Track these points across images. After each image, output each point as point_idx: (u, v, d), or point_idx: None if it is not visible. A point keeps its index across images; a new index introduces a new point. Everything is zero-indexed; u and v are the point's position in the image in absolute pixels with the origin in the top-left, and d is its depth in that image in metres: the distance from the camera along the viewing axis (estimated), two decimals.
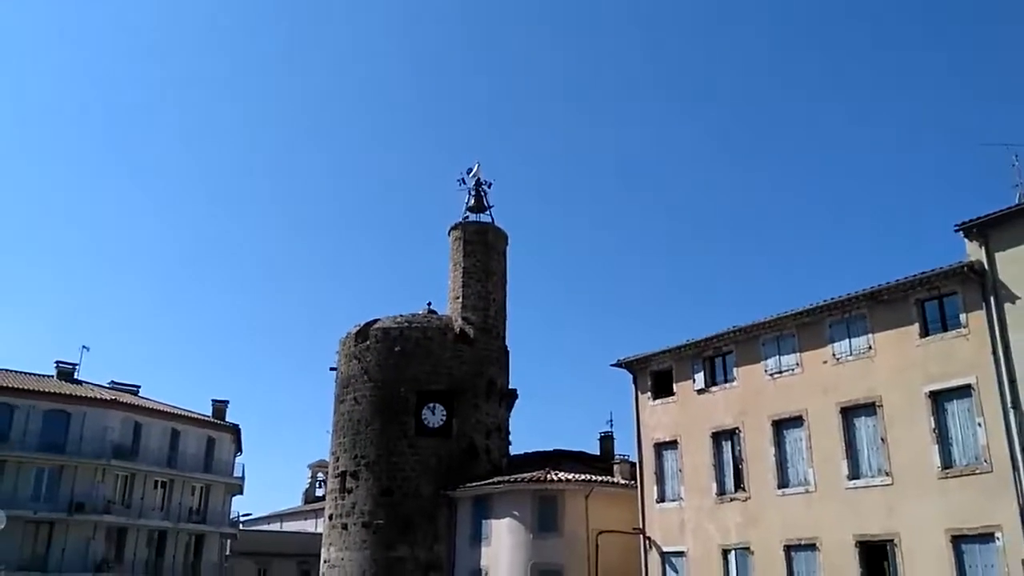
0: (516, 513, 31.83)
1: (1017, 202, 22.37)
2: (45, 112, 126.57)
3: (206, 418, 53.61)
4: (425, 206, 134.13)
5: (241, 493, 55.46)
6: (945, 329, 22.37)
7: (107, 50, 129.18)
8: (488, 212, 41.05)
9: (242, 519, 61.57)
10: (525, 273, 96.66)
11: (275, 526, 76.96)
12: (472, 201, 41.03)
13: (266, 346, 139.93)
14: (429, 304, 39.52)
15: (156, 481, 48.52)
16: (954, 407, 21.80)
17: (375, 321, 38.03)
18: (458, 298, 38.57)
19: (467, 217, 40.73)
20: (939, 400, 22.03)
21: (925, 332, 22.68)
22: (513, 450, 38.31)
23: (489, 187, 41.54)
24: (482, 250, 39.37)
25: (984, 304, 21.57)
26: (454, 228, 40.31)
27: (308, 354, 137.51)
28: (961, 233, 22.37)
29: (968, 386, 21.47)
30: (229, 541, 54.74)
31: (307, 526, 66.74)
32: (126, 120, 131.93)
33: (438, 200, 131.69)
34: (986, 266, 21.68)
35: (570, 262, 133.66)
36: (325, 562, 35.62)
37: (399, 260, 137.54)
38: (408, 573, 33.26)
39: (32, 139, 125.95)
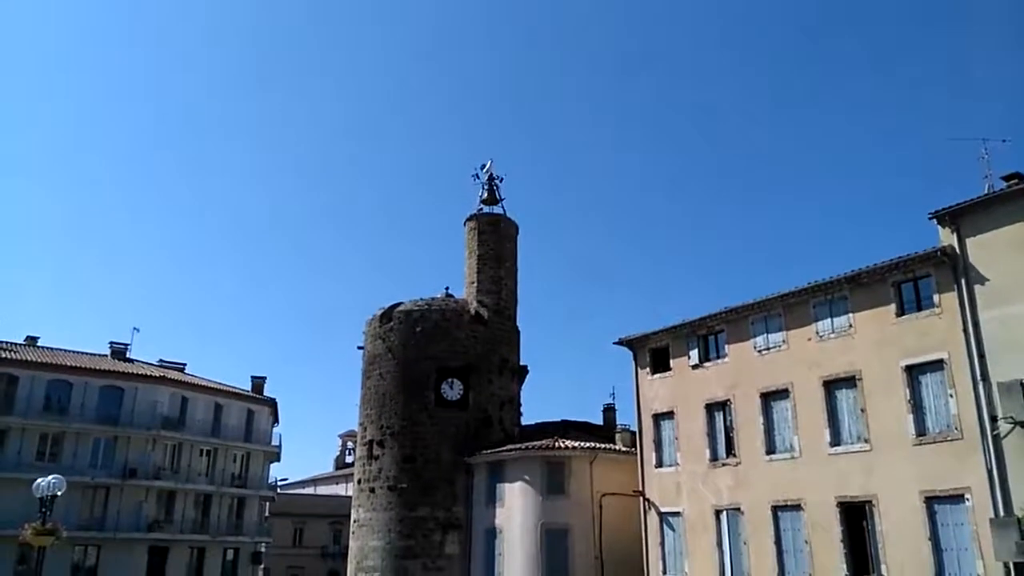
0: (527, 477, 31.94)
1: (986, 192, 22.23)
2: (94, 107, 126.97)
3: (246, 392, 53.88)
4: (443, 200, 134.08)
5: (278, 460, 55.79)
6: (920, 309, 22.27)
7: (153, 43, 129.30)
8: (500, 204, 41.05)
9: (279, 483, 61.97)
10: (534, 259, 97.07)
11: (309, 490, 77.58)
12: (485, 194, 41.02)
13: (300, 327, 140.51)
14: (447, 289, 39.63)
15: (201, 450, 48.88)
16: (928, 379, 21.72)
17: (398, 304, 38.10)
18: (473, 283, 38.59)
19: (481, 209, 40.70)
20: (914, 373, 21.95)
21: (901, 311, 22.59)
22: (524, 420, 38.41)
23: (501, 181, 41.59)
24: (495, 239, 39.34)
25: (956, 285, 21.43)
26: (469, 219, 40.27)
27: (338, 334, 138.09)
28: (935, 221, 22.23)
29: (941, 360, 21.38)
30: (268, 503, 55.14)
31: (338, 490, 67.23)
32: (171, 112, 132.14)
33: (455, 195, 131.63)
34: (958, 251, 21.54)
35: (576, 249, 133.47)
36: (354, 522, 35.86)
37: (420, 249, 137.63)
38: (429, 531, 33.48)
39: (82, 133, 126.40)
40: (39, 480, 20.45)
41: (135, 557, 43.73)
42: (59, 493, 20.12)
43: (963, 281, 21.31)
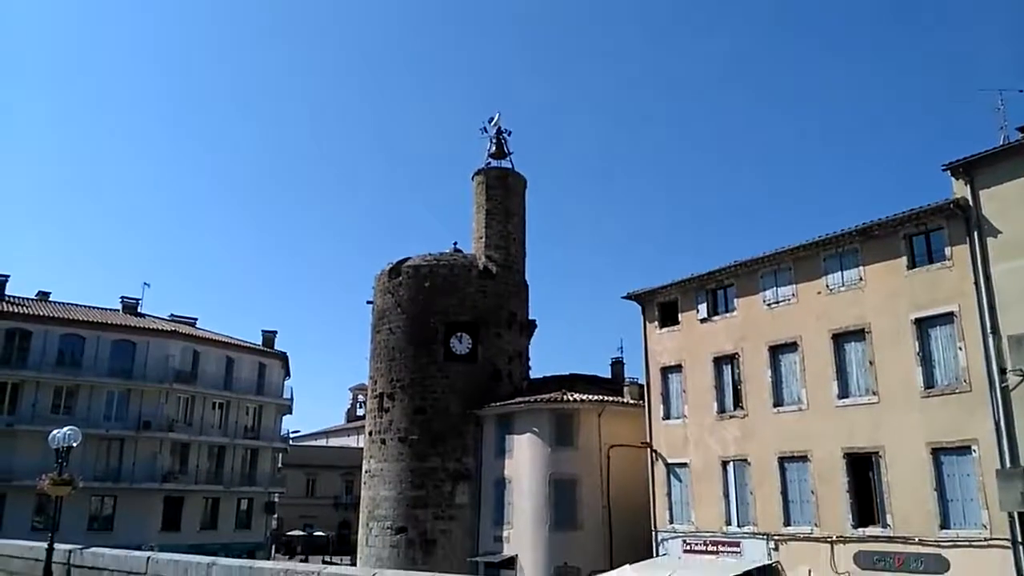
0: (536, 429, 32.14)
1: (1001, 143, 21.82)
2: (102, 59, 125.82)
3: (257, 346, 54.12)
4: (452, 155, 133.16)
5: (290, 413, 56.28)
6: (931, 261, 22.07)
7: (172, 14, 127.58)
8: (508, 158, 40.60)
9: (291, 435, 62.70)
10: (543, 214, 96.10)
11: (321, 442, 78.53)
12: (493, 148, 40.54)
13: (310, 283, 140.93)
14: (455, 243, 39.48)
15: (214, 402, 49.26)
16: (937, 332, 21.61)
17: (406, 259, 38.00)
18: (481, 238, 38.40)
19: (489, 163, 40.29)
20: (924, 326, 21.83)
21: (913, 264, 22.38)
22: (532, 374, 38.57)
23: (509, 135, 41.05)
24: (503, 193, 39.03)
25: (968, 238, 21.20)
26: (477, 174, 39.91)
27: (347, 289, 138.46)
28: (948, 172, 21.89)
29: (951, 313, 21.25)
30: (280, 455, 55.78)
31: (349, 442, 67.99)
32: (181, 68, 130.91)
33: (464, 149, 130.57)
34: (971, 203, 21.26)
35: (584, 203, 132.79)
36: (366, 472, 36.27)
37: (429, 203, 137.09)
38: (440, 482, 33.86)
39: (90, 88, 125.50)
40: (54, 432, 20.63)
41: (151, 507, 44.43)
42: (74, 444, 20.28)
43: (975, 233, 21.05)
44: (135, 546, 22.47)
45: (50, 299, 48.79)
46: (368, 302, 39.36)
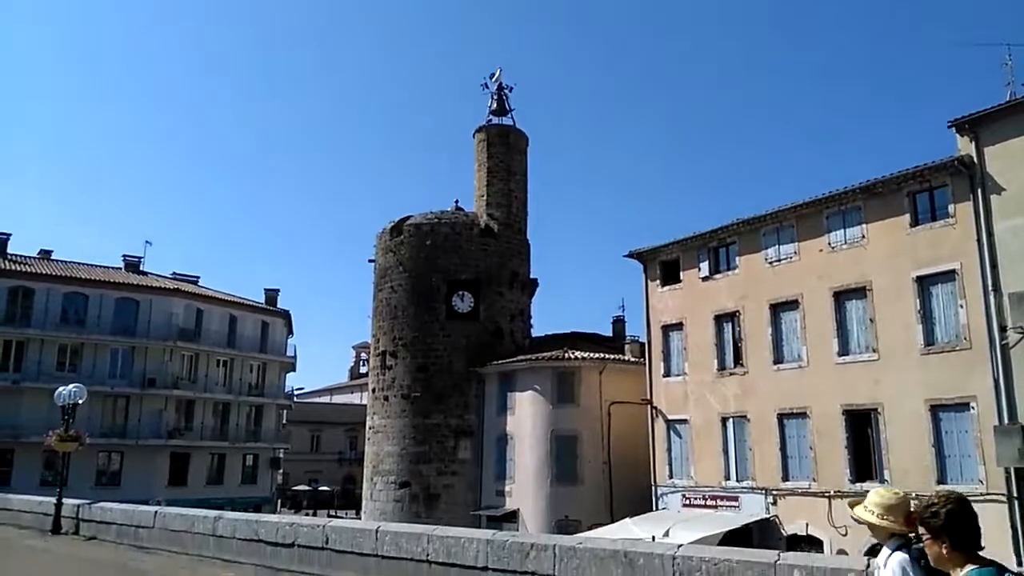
0: (537, 387, 32.35)
1: (1008, 99, 21.55)
2: (107, 18, 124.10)
3: (260, 305, 54.22)
4: (453, 112, 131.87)
5: (294, 370, 56.62)
6: (934, 219, 21.96)
7: None
8: (509, 115, 40.22)
9: (295, 392, 63.15)
10: (545, 172, 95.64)
11: (325, 399, 79.08)
12: (495, 105, 40.11)
13: (312, 240, 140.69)
14: (456, 202, 39.26)
15: (218, 360, 49.52)
16: (939, 290, 21.59)
17: (408, 217, 37.86)
18: (483, 196, 38.21)
19: (490, 120, 39.91)
20: (925, 284, 21.81)
21: (915, 222, 22.27)
22: (534, 332, 38.68)
23: (510, 91, 40.63)
24: (504, 151, 38.73)
25: (971, 196, 21.07)
26: (478, 131, 39.56)
27: (349, 248, 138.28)
28: (954, 129, 21.68)
29: (953, 271, 21.21)
30: (285, 411, 56.24)
31: (353, 399, 68.49)
32: (180, 21, 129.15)
33: (465, 107, 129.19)
34: (975, 160, 21.09)
35: (587, 160, 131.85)
36: (370, 428, 36.61)
37: (431, 162, 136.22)
38: (443, 438, 34.20)
39: (90, 43, 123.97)
40: (60, 389, 20.75)
41: (157, 462, 44.94)
42: (80, 401, 20.43)
43: (979, 191, 20.92)
44: (142, 501, 22.80)
45: (52, 257, 48.76)
46: (370, 260, 39.34)
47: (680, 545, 8.10)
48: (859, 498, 3.72)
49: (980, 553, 2.90)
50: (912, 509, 3.38)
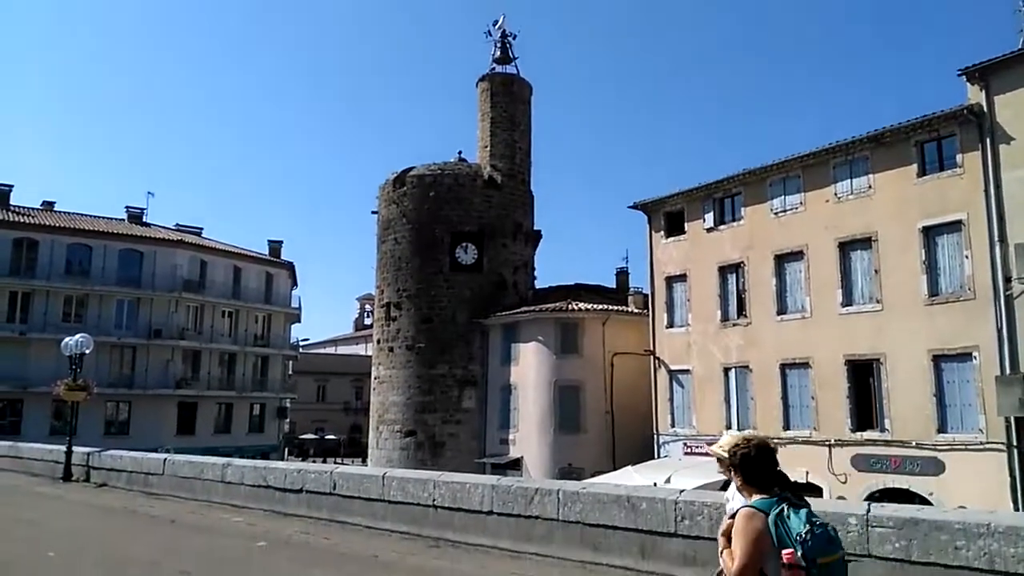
0: (541, 338, 32.50)
1: (1020, 47, 21.17)
2: None
3: (263, 256, 54.26)
4: (456, 61, 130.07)
5: (299, 321, 56.90)
6: (942, 169, 21.78)
7: None
8: (513, 63, 39.65)
9: (301, 344, 63.54)
10: (549, 122, 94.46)
11: (330, 350, 79.60)
12: (498, 53, 39.54)
13: (316, 191, 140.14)
14: (460, 153, 38.97)
15: (223, 311, 49.73)
16: (944, 241, 21.51)
17: (411, 169, 37.60)
18: (486, 147, 37.88)
19: (493, 69, 39.35)
20: (931, 235, 21.72)
21: (923, 172, 22.09)
22: (538, 284, 38.73)
23: (514, 39, 39.99)
24: (507, 101, 38.27)
25: (980, 145, 20.85)
26: (482, 80, 39.04)
27: (352, 199, 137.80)
28: (964, 78, 21.35)
29: (959, 222, 21.09)
30: (291, 362, 56.68)
31: (358, 350, 68.97)
32: None
33: (468, 55, 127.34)
34: (985, 109, 20.81)
35: (591, 110, 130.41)
36: (375, 379, 36.92)
37: (434, 112, 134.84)
38: (447, 388, 34.50)
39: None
40: (67, 339, 20.89)
41: (165, 412, 45.49)
42: (87, 351, 20.58)
43: (988, 141, 20.70)
44: (151, 449, 23.10)
45: (55, 208, 48.70)
46: (373, 212, 39.21)
47: (682, 491, 8.21)
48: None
49: (775, 488, 3.40)
50: None
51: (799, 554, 3.11)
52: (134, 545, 10.05)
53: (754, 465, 3.46)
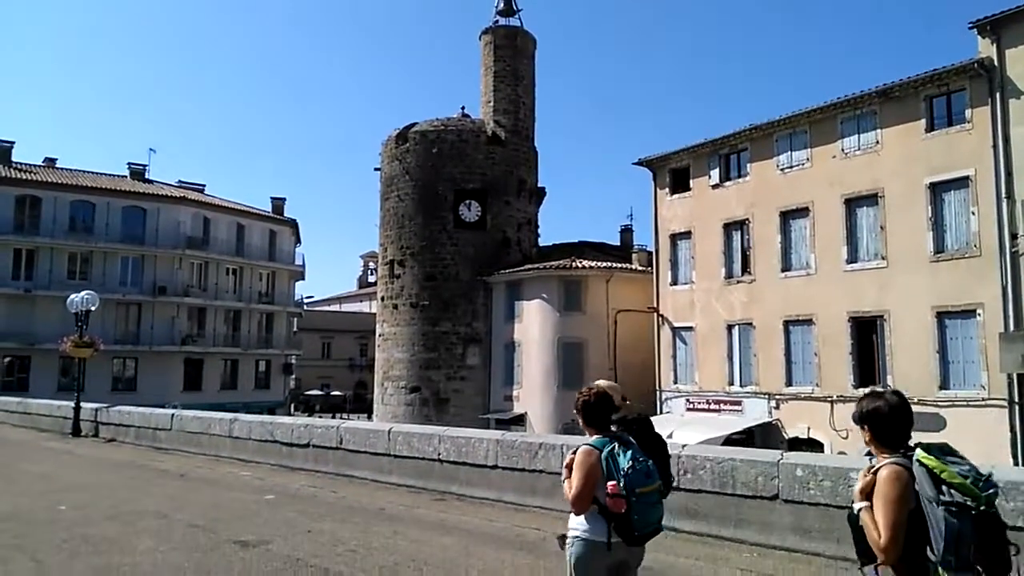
0: (545, 295, 32.55)
1: None
2: None
3: (267, 213, 54.18)
4: (460, 14, 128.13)
5: (303, 279, 57.05)
6: (950, 124, 21.54)
7: None
8: (517, 16, 39.01)
9: (305, 301, 63.71)
10: (553, 77, 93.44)
11: (334, 307, 79.86)
12: (502, 5, 38.86)
13: (317, 148, 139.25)
14: (463, 108, 38.50)
15: (227, 268, 49.83)
16: (951, 197, 21.36)
17: (413, 125, 37.26)
18: (489, 102, 37.48)
19: (497, 22, 38.73)
20: (938, 191, 21.57)
21: (931, 127, 21.86)
22: (541, 241, 38.64)
23: None
24: (511, 55, 37.75)
25: (989, 100, 20.58)
26: (485, 33, 38.46)
27: (355, 156, 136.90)
28: (975, 31, 20.99)
29: (967, 178, 20.92)
30: (295, 319, 56.91)
31: (362, 307, 69.18)
32: None
33: (471, 7, 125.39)
34: (996, 63, 20.49)
35: (595, 66, 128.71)
36: (380, 336, 37.08)
37: (437, 66, 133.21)
38: (451, 345, 34.66)
39: None
40: (72, 296, 21.00)
41: (171, 368, 45.87)
42: (93, 308, 20.71)
43: (998, 95, 20.42)
44: (158, 405, 23.34)
45: (57, 165, 48.51)
46: (376, 169, 38.96)
47: (684, 445, 8.29)
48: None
49: (611, 429, 3.97)
50: (621, 397, 4.54)
51: (621, 485, 3.67)
52: (144, 498, 10.21)
53: (592, 410, 3.99)
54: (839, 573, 6.08)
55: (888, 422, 3.17)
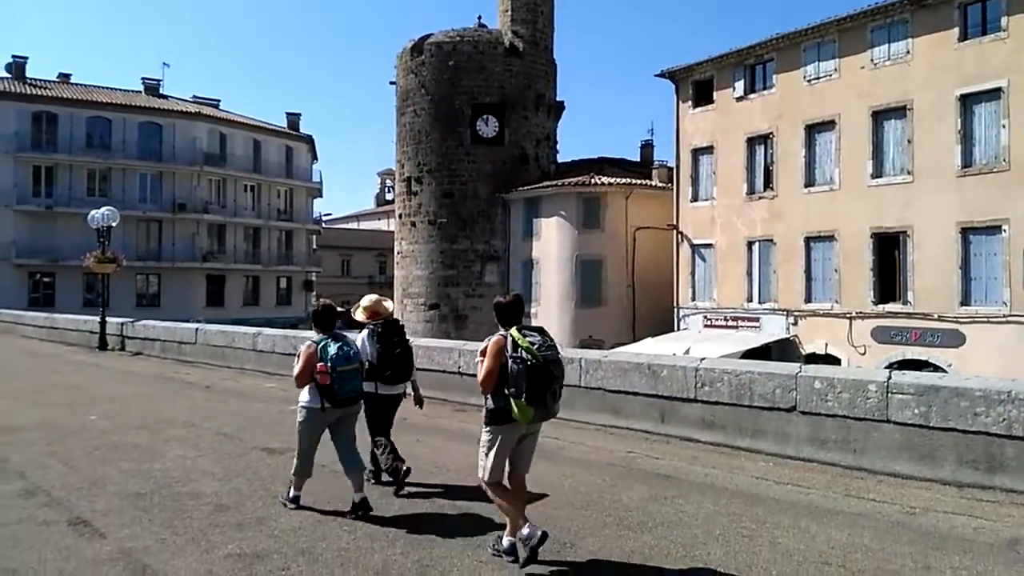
0: (563, 213, 32.36)
1: None
2: None
3: (283, 129, 53.69)
4: None
5: (320, 196, 56.90)
6: (984, 33, 20.77)
7: None
8: None
9: (324, 218, 63.74)
10: None
11: (353, 225, 79.96)
12: None
13: (332, 61, 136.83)
14: (480, 18, 37.51)
15: (245, 185, 49.73)
16: (982, 109, 20.76)
17: (429, 36, 36.38)
18: (507, 11, 36.43)
19: None
20: (968, 103, 20.96)
21: (964, 36, 21.09)
22: (560, 158, 38.16)
23: None
24: None
25: None
26: None
27: (371, 68, 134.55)
28: None
29: (999, 89, 20.29)
30: (314, 236, 57.09)
31: (380, 225, 69.14)
32: None
33: None
34: None
35: None
36: (398, 253, 37.21)
37: None
38: (470, 262, 34.74)
39: None
40: (93, 212, 21.12)
41: (194, 284, 46.39)
42: (113, 224, 20.85)
43: None
44: (182, 321, 23.68)
45: (71, 81, 48.05)
46: (391, 83, 38.30)
47: (703, 358, 8.33)
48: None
49: (329, 330, 5.72)
50: (379, 309, 6.54)
51: (328, 366, 5.37)
52: (171, 408, 10.48)
53: (318, 318, 5.78)
54: (853, 482, 6.18)
55: (503, 310, 5.02)
